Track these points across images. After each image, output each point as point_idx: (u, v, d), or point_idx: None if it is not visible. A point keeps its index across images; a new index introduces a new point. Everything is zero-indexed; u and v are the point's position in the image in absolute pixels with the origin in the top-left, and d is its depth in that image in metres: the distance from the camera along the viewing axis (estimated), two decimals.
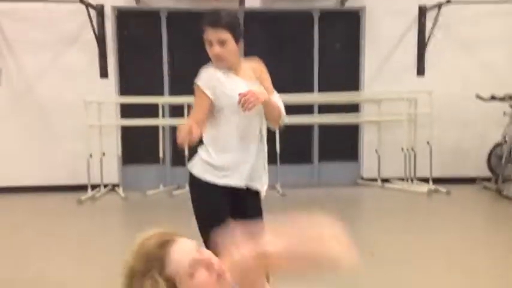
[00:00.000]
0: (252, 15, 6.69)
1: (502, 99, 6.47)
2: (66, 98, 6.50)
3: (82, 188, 6.34)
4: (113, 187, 6.67)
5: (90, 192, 6.28)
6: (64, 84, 6.53)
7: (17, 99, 6.59)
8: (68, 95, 6.49)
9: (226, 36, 2.45)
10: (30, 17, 6.43)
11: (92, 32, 6.37)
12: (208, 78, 2.51)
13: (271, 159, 2.73)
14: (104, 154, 6.47)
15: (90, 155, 6.32)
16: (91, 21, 6.25)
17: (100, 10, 6.44)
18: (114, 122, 6.60)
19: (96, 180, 6.43)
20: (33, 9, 6.33)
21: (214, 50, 2.46)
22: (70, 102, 6.45)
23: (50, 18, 6.44)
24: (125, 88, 6.81)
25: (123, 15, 6.77)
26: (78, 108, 6.25)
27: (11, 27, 6.47)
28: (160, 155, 6.71)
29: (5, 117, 6.57)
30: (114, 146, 6.60)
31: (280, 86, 2.83)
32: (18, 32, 6.47)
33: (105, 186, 6.56)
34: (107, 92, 6.58)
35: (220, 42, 2.45)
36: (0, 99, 6.55)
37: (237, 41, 2.49)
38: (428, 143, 6.64)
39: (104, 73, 6.60)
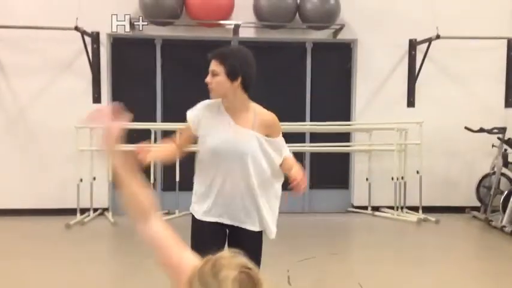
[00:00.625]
0: (246, 46, 6.79)
1: (491, 131, 6.58)
2: (58, 123, 6.53)
3: (72, 212, 6.33)
4: (103, 211, 6.66)
5: (79, 217, 6.27)
6: (57, 109, 6.57)
7: (9, 124, 6.62)
8: (61, 120, 6.52)
9: (218, 68, 2.53)
10: (25, 43, 6.51)
11: (86, 59, 6.45)
12: (198, 111, 2.64)
13: None
14: (94, 179, 6.48)
15: (81, 180, 6.32)
16: (86, 48, 6.33)
17: (95, 37, 6.53)
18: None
19: (86, 204, 6.42)
20: (28, 36, 6.40)
21: (206, 79, 2.56)
22: (62, 127, 6.48)
23: (45, 44, 6.52)
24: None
25: (118, 43, 6.87)
26: (70, 133, 6.28)
27: (6, 53, 6.54)
28: (151, 180, 6.72)
29: None
30: (105, 171, 6.60)
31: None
32: (13, 58, 6.53)
33: (95, 210, 6.55)
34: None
35: (212, 72, 2.55)
36: None
37: (229, 76, 2.52)
38: (418, 172, 6.71)
39: (97, 99, 6.66)
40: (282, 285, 4.03)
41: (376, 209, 6.97)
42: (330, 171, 7.28)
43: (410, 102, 7.06)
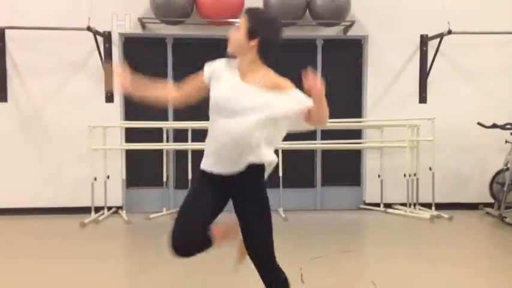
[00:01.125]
0: None
1: (504, 127, 6.53)
2: (72, 123, 6.60)
3: (86, 210, 6.40)
4: (117, 210, 6.72)
5: (93, 215, 6.33)
6: (70, 109, 6.64)
7: (24, 124, 6.69)
8: (74, 119, 6.60)
9: (242, 24, 2.53)
10: (38, 43, 6.57)
11: (98, 58, 6.51)
12: (215, 66, 2.65)
13: (275, 183, 2.76)
14: (108, 177, 6.54)
15: (95, 178, 6.38)
16: (98, 48, 6.39)
17: (107, 37, 6.58)
18: (119, 146, 6.68)
19: (100, 203, 6.49)
20: (41, 36, 6.47)
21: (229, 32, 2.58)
22: (76, 126, 6.55)
23: (57, 45, 6.58)
24: (130, 113, 6.91)
25: (129, 42, 6.91)
26: (84, 132, 6.34)
27: (20, 54, 6.61)
28: (164, 178, 6.77)
29: (12, 140, 6.67)
30: (118, 170, 6.67)
31: None
32: (26, 58, 6.61)
33: (109, 208, 6.62)
34: (112, 117, 6.68)
35: (236, 27, 2.56)
36: (7, 124, 6.66)
37: (249, 33, 2.51)
38: (430, 169, 6.68)
39: (109, 98, 6.71)
40: (295, 283, 4.04)
41: (388, 206, 6.96)
42: (342, 169, 7.27)
43: (422, 98, 7.03)
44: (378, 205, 7.01)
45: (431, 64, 6.81)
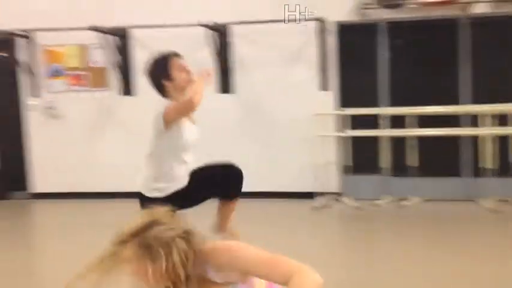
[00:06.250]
0: (479, 22, 6.31)
1: None
2: (295, 110, 6.90)
3: (304, 195, 6.71)
4: (337, 195, 6.84)
5: (319, 200, 6.58)
6: (291, 97, 6.94)
7: (248, 112, 7.17)
8: (296, 107, 6.91)
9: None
10: (260, 37, 6.95)
11: (314, 48, 6.68)
12: None
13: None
14: (329, 163, 6.72)
15: (318, 165, 6.61)
16: (319, 37, 6.56)
17: (323, 26, 6.70)
18: (336, 133, 6.80)
19: (318, 188, 6.72)
20: (263, 30, 6.83)
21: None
22: (299, 113, 6.85)
23: (274, 37, 6.88)
24: (345, 100, 6.92)
25: (344, 29, 6.91)
26: (304, 119, 6.65)
27: (242, 48, 7.03)
28: (382, 164, 6.66)
29: (238, 129, 7.17)
30: (333, 156, 6.79)
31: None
32: (249, 52, 7.01)
33: (329, 194, 6.78)
34: (327, 105, 6.81)
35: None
36: (234, 113, 7.19)
37: None
38: None
39: (324, 87, 6.83)
40: None
41: None
42: None
43: None
44: None
45: None
